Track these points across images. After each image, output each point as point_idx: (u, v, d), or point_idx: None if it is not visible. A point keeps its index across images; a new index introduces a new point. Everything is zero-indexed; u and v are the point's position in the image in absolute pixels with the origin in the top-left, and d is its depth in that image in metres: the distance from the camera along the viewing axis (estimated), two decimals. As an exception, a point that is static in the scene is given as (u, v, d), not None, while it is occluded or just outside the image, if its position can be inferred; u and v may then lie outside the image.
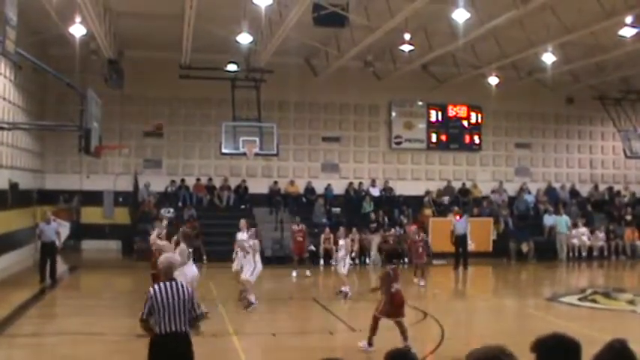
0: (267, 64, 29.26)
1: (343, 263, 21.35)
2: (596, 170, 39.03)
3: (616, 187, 38.80)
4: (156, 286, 8.82)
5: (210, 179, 33.30)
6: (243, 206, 32.79)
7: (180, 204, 32.15)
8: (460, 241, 29.12)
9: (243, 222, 20.92)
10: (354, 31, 25.52)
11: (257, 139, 29.88)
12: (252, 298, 18.15)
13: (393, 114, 35.47)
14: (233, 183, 33.40)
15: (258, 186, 33.64)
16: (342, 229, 23.01)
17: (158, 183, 32.72)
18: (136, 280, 23.88)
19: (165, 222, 22.66)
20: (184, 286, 8.97)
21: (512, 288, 26.10)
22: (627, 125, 36.85)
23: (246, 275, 18.26)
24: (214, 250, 27.48)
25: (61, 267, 25.42)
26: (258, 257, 18.74)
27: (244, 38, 24.80)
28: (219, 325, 15.72)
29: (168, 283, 8.83)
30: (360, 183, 34.79)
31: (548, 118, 37.91)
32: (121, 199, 32.88)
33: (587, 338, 5.39)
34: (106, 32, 24.92)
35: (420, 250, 24.67)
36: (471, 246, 29.80)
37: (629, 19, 22.99)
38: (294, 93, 33.18)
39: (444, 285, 26.17)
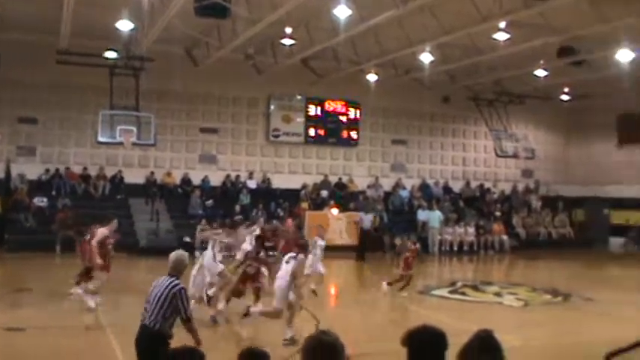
0: (148, 53, 28.82)
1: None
2: (469, 168, 40.23)
3: (486, 185, 40.13)
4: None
5: (85, 168, 32.51)
6: (119, 196, 32.24)
7: (54, 193, 31.36)
8: (364, 234, 29.81)
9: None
10: (235, 23, 25.46)
11: (134, 129, 29.51)
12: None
13: (272, 107, 35.48)
14: (109, 172, 32.74)
15: (135, 176, 33.06)
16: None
17: (32, 171, 31.69)
18: (4, 271, 23.18)
19: None
20: (173, 283, 8.63)
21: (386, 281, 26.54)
22: (499, 126, 38.12)
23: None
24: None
25: None
26: None
27: (125, 25, 24.43)
28: (92, 317, 15.50)
29: (163, 277, 8.72)
30: (238, 175, 34.72)
31: (424, 116, 38.77)
32: (-9, 187, 31.76)
33: (456, 329, 5.64)
34: (-20, 13, 24.09)
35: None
36: (347, 239, 30.34)
37: (502, 24, 23.77)
38: (173, 83, 32.62)
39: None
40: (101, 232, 16.99)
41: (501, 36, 24.68)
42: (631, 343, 8.21)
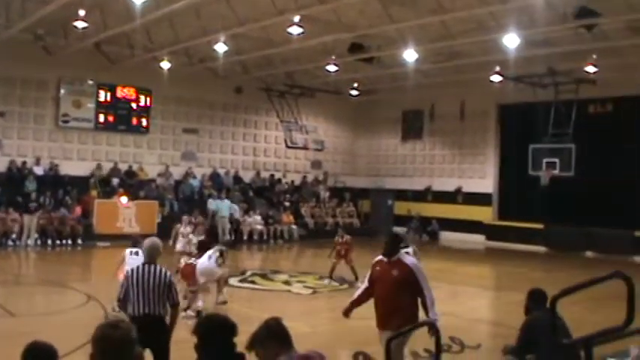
0: None
1: None
2: (259, 158, 40.76)
3: (277, 175, 40.84)
4: (133, 268, 8.72)
5: None
6: None
7: None
8: None
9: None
10: (25, 2, 24.55)
11: None
12: None
13: (62, 91, 34.24)
14: None
15: None
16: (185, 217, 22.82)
17: None
18: None
19: None
20: (164, 270, 8.74)
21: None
22: (289, 117, 38.90)
23: None
24: None
25: None
26: None
27: None
28: None
29: (147, 266, 8.68)
30: (24, 161, 33.24)
31: (216, 106, 38.86)
32: None
33: (247, 317, 5.85)
34: None
35: None
36: (137, 228, 30.02)
37: (297, 18, 24.29)
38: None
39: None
40: None
41: (295, 30, 25.15)
42: (407, 327, 8.78)
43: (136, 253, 14.19)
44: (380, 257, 9.83)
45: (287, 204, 38.19)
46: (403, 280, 9.26)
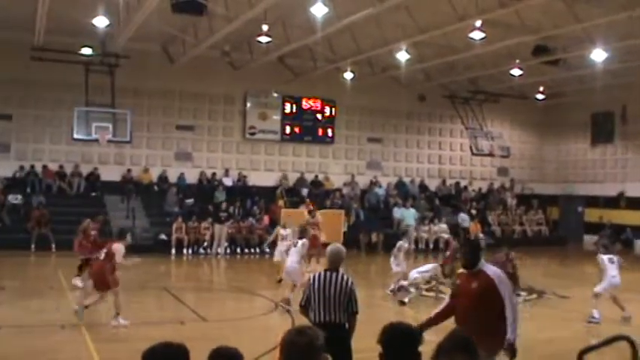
0: (123, 50, 28.82)
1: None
2: (445, 166, 40.39)
3: (462, 183, 40.30)
4: (315, 275, 8.74)
5: (61, 166, 32.32)
6: (94, 194, 32.10)
7: (28, 190, 31.13)
8: None
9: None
10: (212, 20, 25.41)
11: (110, 126, 29.47)
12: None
13: (248, 104, 35.45)
14: (85, 170, 32.57)
15: (110, 173, 32.88)
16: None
17: (5, 168, 31.43)
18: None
19: None
20: (345, 278, 8.70)
21: (362, 279, 26.57)
22: (474, 124, 38.34)
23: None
24: (63, 239, 26.23)
25: None
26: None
27: (100, 21, 24.32)
28: (67, 315, 15.42)
29: (329, 273, 8.67)
30: (214, 173, 34.65)
31: (400, 114, 38.86)
32: (-36, 184, 31.43)
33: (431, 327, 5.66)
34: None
35: None
36: (323, 237, 30.32)
37: (478, 23, 23.87)
38: (149, 80, 32.59)
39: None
40: (118, 248, 15.40)
41: (477, 35, 24.75)
42: (604, 340, 8.28)
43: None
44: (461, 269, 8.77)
45: (474, 212, 37.58)
46: (483, 293, 8.09)
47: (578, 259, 33.32)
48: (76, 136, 29.56)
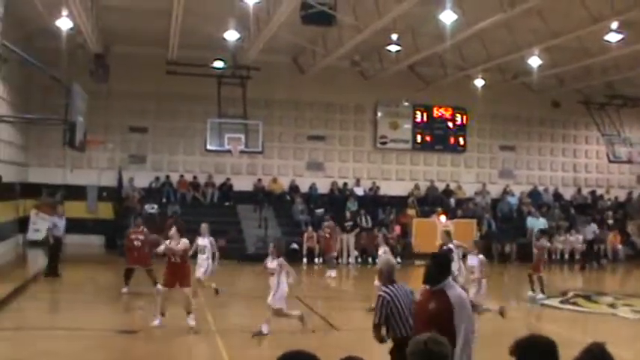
0: (254, 62, 29.26)
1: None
2: (580, 174, 39.19)
3: (599, 191, 39.00)
4: (388, 290, 8.45)
5: (195, 177, 33.19)
6: (227, 203, 32.77)
7: (164, 200, 32.07)
8: None
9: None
10: (341, 31, 25.55)
11: (242, 137, 29.92)
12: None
13: (379, 114, 35.50)
14: (217, 180, 33.34)
15: (243, 183, 33.58)
16: (381, 236, 23.78)
17: (142, 179, 32.58)
18: (118, 275, 23.74)
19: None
20: (408, 289, 8.65)
21: (493, 290, 26.10)
22: (611, 130, 37.03)
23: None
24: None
25: (44, 261, 25.17)
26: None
27: (231, 35, 24.87)
28: (201, 322, 15.68)
29: (397, 286, 8.58)
30: (345, 183, 34.78)
31: (533, 121, 38.02)
32: (104, 194, 32.63)
33: (567, 341, 5.43)
34: (93, 26, 24.77)
35: None
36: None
37: (614, 25, 23.09)
38: (280, 91, 33.13)
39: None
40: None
41: (613, 37, 23.96)
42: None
43: None
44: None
45: (611, 222, 36.21)
46: (438, 316, 7.22)
47: None
48: (209, 147, 30.21)
